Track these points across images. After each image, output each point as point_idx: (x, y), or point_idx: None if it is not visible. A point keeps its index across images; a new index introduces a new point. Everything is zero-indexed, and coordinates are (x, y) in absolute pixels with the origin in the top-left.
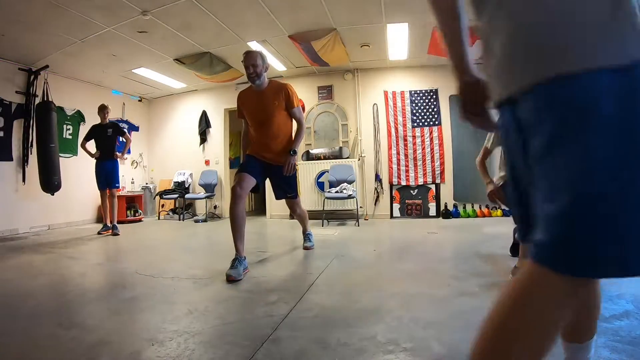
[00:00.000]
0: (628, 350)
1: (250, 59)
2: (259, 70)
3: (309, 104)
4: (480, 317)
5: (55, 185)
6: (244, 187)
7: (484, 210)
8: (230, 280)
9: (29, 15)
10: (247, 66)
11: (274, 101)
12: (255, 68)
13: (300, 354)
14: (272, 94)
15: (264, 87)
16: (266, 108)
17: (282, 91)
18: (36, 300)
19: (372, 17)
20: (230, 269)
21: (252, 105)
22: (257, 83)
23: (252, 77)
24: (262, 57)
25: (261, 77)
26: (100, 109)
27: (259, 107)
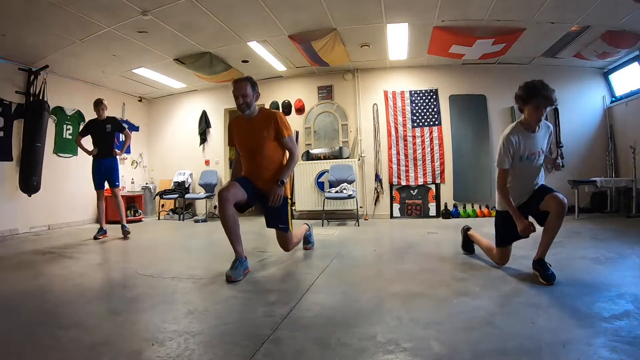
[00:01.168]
0: (628, 350)
1: (240, 89)
2: (249, 100)
3: (309, 104)
4: (480, 317)
5: (34, 186)
6: (231, 191)
7: (484, 210)
8: (229, 281)
9: (29, 15)
10: (236, 96)
11: (263, 131)
12: (245, 98)
13: (300, 354)
14: (262, 123)
15: (254, 115)
16: (256, 138)
17: (271, 121)
18: (36, 300)
19: (372, 17)
20: (230, 269)
21: (243, 134)
22: (247, 113)
23: (241, 108)
24: (252, 85)
25: (251, 107)
26: (95, 104)
27: (249, 137)
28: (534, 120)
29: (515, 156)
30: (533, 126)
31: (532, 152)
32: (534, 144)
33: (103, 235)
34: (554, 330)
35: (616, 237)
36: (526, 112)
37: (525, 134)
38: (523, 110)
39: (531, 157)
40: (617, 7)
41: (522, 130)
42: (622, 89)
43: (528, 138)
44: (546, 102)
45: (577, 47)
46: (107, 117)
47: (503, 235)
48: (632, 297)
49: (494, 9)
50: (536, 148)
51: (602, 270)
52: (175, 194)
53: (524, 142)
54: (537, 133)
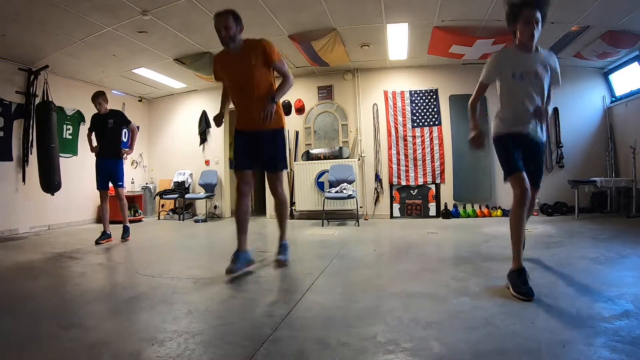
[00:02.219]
0: (628, 350)
1: (222, 21)
2: (232, 32)
3: (309, 104)
4: (480, 317)
5: (56, 185)
6: (248, 182)
7: (484, 210)
8: (227, 274)
9: (29, 15)
10: (218, 29)
11: (251, 59)
12: (228, 31)
13: (300, 354)
14: (249, 53)
15: (240, 48)
16: (244, 69)
17: (258, 48)
18: (36, 300)
19: (372, 17)
20: (230, 263)
21: (230, 68)
22: (232, 47)
23: (225, 41)
24: (234, 18)
25: (235, 40)
26: (92, 97)
27: (237, 70)
28: (527, 35)
29: (505, 72)
30: (528, 44)
31: (528, 70)
32: (530, 63)
33: (107, 240)
34: (554, 330)
35: (616, 237)
36: (518, 31)
37: (519, 52)
38: (515, 31)
39: (526, 76)
40: (617, 7)
41: (516, 50)
42: (622, 89)
43: (522, 56)
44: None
45: (577, 47)
46: (111, 111)
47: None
48: (632, 297)
49: (494, 9)
50: (532, 66)
51: (602, 270)
52: (175, 194)
53: (517, 58)
54: (534, 54)
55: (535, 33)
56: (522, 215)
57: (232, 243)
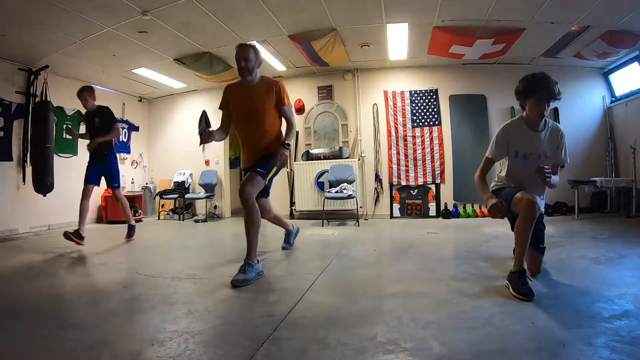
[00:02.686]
0: (628, 350)
1: (243, 52)
2: (251, 65)
3: (309, 104)
4: (480, 317)
5: (48, 186)
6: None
7: (484, 210)
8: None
9: (29, 15)
10: (238, 59)
11: (264, 97)
12: (247, 63)
13: (300, 354)
14: (263, 90)
15: (255, 82)
16: (255, 104)
17: (273, 88)
18: (36, 300)
19: (372, 17)
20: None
21: (241, 100)
22: (249, 79)
23: (243, 72)
24: (255, 52)
25: (253, 73)
26: (77, 93)
27: (247, 103)
28: (536, 115)
29: (509, 150)
30: (535, 123)
31: (531, 151)
32: (535, 144)
33: (76, 240)
34: (554, 330)
35: (616, 237)
36: (528, 108)
37: (526, 130)
38: (524, 106)
39: (529, 157)
40: (617, 7)
41: (523, 126)
42: (622, 89)
43: (528, 135)
44: (549, 94)
45: (577, 47)
46: (98, 108)
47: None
48: (632, 297)
49: (494, 9)
50: (536, 148)
51: (602, 270)
52: (175, 194)
53: (522, 138)
54: (541, 133)
55: (545, 112)
56: (529, 227)
57: (232, 243)
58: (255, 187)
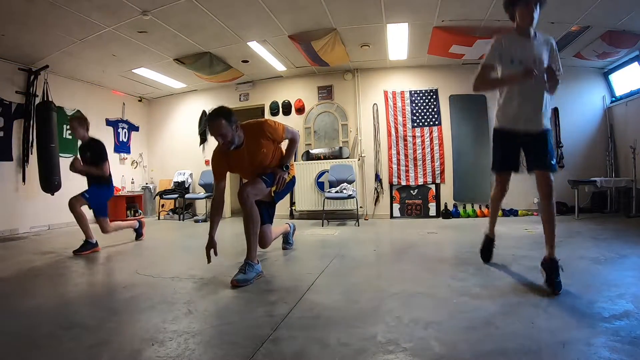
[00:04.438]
0: (628, 350)
1: (217, 130)
2: (230, 136)
3: (309, 104)
4: (480, 317)
5: (56, 185)
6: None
7: (484, 210)
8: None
9: (29, 15)
10: (215, 136)
11: (262, 149)
12: (225, 138)
13: (300, 354)
14: (256, 142)
15: (242, 143)
16: (258, 158)
17: (263, 133)
18: (36, 300)
19: (372, 17)
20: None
21: (240, 162)
22: (233, 147)
23: (227, 146)
24: (227, 121)
25: (235, 140)
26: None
27: (249, 161)
28: (527, 21)
29: (504, 57)
30: (526, 29)
31: (526, 56)
32: (528, 49)
33: (93, 250)
34: (554, 330)
35: (616, 237)
36: (517, 16)
37: (518, 38)
38: (514, 16)
39: (524, 63)
40: (617, 7)
41: (515, 35)
42: (622, 89)
43: (521, 42)
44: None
45: (577, 47)
46: (90, 141)
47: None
48: (632, 297)
49: (494, 9)
50: (530, 53)
51: (602, 270)
52: (175, 194)
53: (516, 45)
54: (534, 39)
55: (535, 16)
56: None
57: (232, 243)
58: (255, 190)
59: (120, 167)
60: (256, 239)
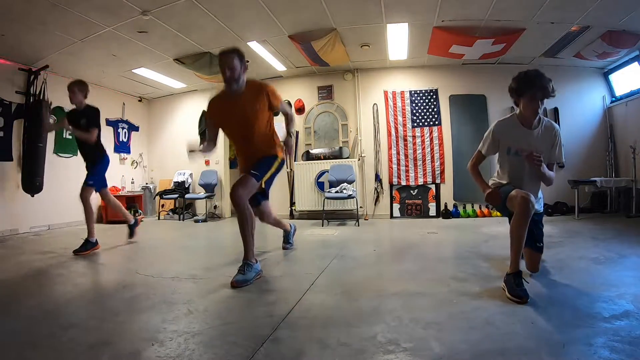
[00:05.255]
0: (628, 350)
1: (227, 61)
2: (237, 74)
3: (309, 104)
4: (480, 317)
5: (37, 186)
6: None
7: (484, 210)
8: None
9: (29, 15)
10: (223, 69)
11: (256, 104)
12: (233, 72)
13: (300, 354)
14: (252, 96)
15: (242, 90)
16: (245, 112)
17: (262, 93)
18: (36, 300)
19: (372, 17)
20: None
21: (229, 110)
22: (235, 88)
23: (229, 82)
24: (240, 58)
25: (239, 81)
26: (68, 85)
27: (237, 112)
28: (530, 113)
29: (502, 146)
30: (529, 120)
31: (522, 148)
32: (528, 141)
33: (90, 250)
34: (554, 330)
35: (616, 237)
36: (521, 105)
37: (520, 127)
38: (518, 103)
39: (521, 154)
40: (617, 7)
41: (517, 123)
42: (622, 89)
43: (522, 132)
44: (542, 92)
45: (577, 47)
46: (87, 107)
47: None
48: (632, 297)
49: (494, 9)
50: (529, 145)
51: (602, 270)
52: (175, 194)
53: (515, 135)
54: (535, 130)
55: (539, 109)
56: (524, 226)
57: (232, 243)
58: (247, 189)
59: (120, 167)
60: (252, 239)
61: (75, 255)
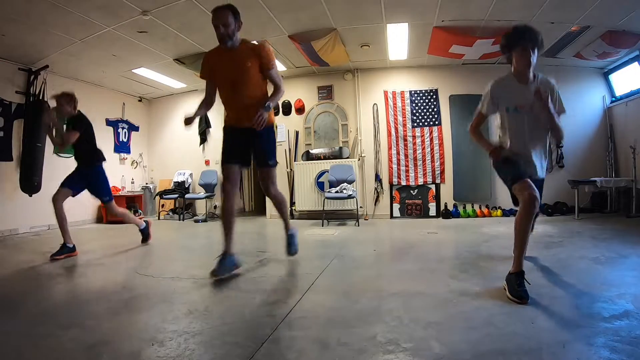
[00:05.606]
0: (628, 350)
1: (221, 18)
2: (231, 30)
3: (309, 104)
4: (480, 317)
5: (35, 186)
6: (232, 181)
7: (484, 210)
8: (213, 276)
9: (29, 15)
10: (216, 25)
11: (247, 62)
12: (227, 28)
13: (300, 354)
14: (245, 54)
15: (236, 46)
16: (239, 68)
17: (257, 51)
18: (36, 300)
19: (372, 17)
20: (217, 264)
21: (222, 65)
22: (229, 44)
23: (223, 38)
24: (234, 14)
25: (233, 38)
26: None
27: (231, 68)
28: (523, 66)
29: (500, 104)
30: (524, 74)
31: (522, 104)
32: (525, 96)
33: (68, 255)
34: (554, 330)
35: (616, 237)
36: (514, 60)
37: (515, 84)
38: (511, 60)
39: (520, 110)
40: (617, 7)
41: (512, 79)
42: (622, 89)
43: (517, 88)
44: (533, 42)
45: (577, 47)
46: (77, 114)
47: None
48: (632, 297)
49: (494, 9)
50: (527, 100)
51: (602, 270)
52: (175, 194)
53: (512, 91)
54: (531, 85)
55: (532, 60)
56: (528, 222)
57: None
58: (275, 181)
59: (120, 167)
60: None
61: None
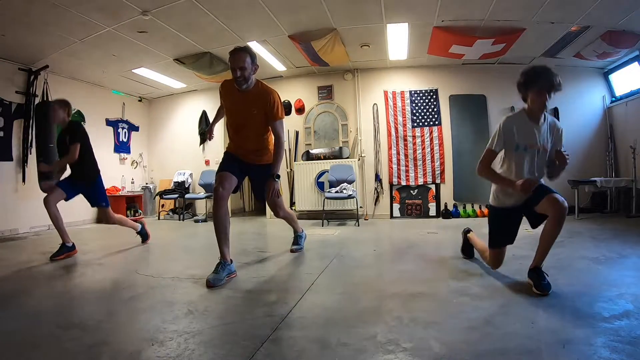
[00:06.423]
0: (628, 350)
1: (238, 61)
2: (247, 74)
3: (309, 104)
4: (480, 317)
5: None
6: (226, 187)
7: (484, 210)
8: (208, 286)
9: (29, 15)
10: (233, 69)
11: (253, 109)
12: (244, 72)
13: (300, 354)
14: (255, 99)
15: (250, 89)
16: (245, 113)
17: (266, 99)
18: (36, 300)
19: (372, 17)
20: (212, 273)
21: (233, 103)
22: (244, 87)
23: (239, 82)
24: (251, 57)
25: (249, 81)
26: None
27: (238, 109)
28: (538, 107)
29: (510, 143)
30: (537, 114)
31: (532, 143)
32: (535, 136)
33: (68, 254)
34: (554, 330)
35: (616, 237)
36: (529, 99)
37: (527, 122)
38: (526, 98)
39: (529, 149)
40: (617, 7)
41: (525, 118)
42: (622, 89)
43: (529, 127)
44: (550, 85)
45: (577, 47)
46: (69, 125)
47: (495, 235)
48: (632, 297)
49: (494, 9)
50: (536, 140)
51: (602, 270)
52: (175, 194)
53: (523, 130)
54: (542, 126)
55: (547, 104)
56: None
57: (232, 243)
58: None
59: (120, 167)
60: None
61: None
